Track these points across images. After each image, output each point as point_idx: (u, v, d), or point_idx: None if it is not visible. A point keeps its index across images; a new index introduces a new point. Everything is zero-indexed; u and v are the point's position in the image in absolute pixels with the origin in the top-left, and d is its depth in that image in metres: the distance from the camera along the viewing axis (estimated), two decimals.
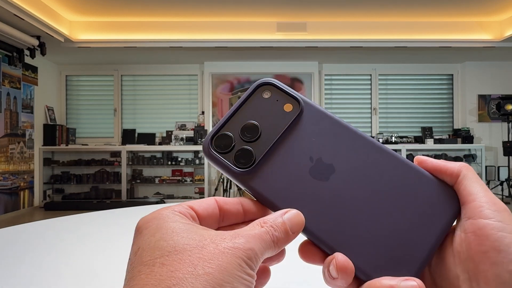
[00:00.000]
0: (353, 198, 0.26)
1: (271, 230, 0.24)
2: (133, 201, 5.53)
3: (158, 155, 5.85)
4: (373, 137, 5.90)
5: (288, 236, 0.24)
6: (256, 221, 0.24)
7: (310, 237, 0.26)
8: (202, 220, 0.25)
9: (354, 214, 0.26)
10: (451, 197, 0.26)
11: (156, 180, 5.71)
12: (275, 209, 0.27)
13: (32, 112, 5.17)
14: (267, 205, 0.27)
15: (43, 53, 4.70)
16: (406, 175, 0.27)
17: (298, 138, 0.28)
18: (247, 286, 0.21)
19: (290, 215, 0.25)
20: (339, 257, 0.24)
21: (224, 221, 0.26)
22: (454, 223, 0.26)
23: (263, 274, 0.26)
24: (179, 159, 5.73)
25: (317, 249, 0.26)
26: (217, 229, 0.26)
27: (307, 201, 0.26)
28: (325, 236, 0.25)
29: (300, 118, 0.28)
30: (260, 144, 0.28)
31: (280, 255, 0.26)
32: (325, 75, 6.10)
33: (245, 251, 0.22)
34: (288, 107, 0.28)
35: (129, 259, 0.22)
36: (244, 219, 0.27)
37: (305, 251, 0.26)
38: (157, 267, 0.20)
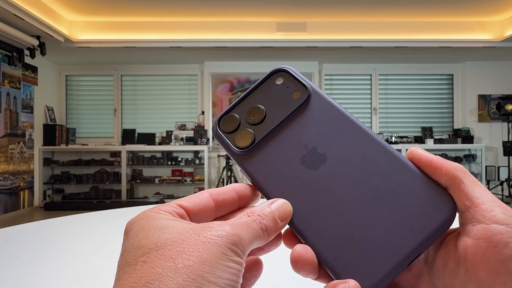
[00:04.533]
0: (337, 190, 0.26)
1: (258, 219, 0.23)
2: (133, 201, 5.53)
3: (158, 155, 5.85)
4: None
5: (277, 224, 0.24)
6: (243, 211, 0.24)
7: (289, 225, 0.26)
8: (194, 215, 0.24)
9: (334, 208, 0.25)
10: (444, 202, 0.24)
11: (156, 180, 5.71)
12: (264, 194, 0.27)
13: (32, 112, 5.17)
14: (258, 189, 0.27)
15: (43, 53, 4.70)
16: (397, 173, 0.25)
17: (298, 125, 0.28)
18: (233, 274, 0.20)
19: (277, 204, 0.25)
20: (296, 248, 0.24)
21: (221, 211, 0.26)
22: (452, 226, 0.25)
23: (255, 266, 0.26)
24: (179, 159, 5.73)
25: (295, 237, 0.26)
26: (214, 220, 0.26)
27: (292, 188, 0.26)
28: (300, 226, 0.25)
29: (306, 106, 0.28)
30: (261, 127, 0.28)
31: (277, 240, 0.26)
32: (325, 75, 6.10)
33: (229, 237, 0.21)
34: (296, 94, 0.29)
35: (117, 262, 0.22)
36: (239, 205, 0.27)
37: (286, 237, 0.26)
38: (139, 266, 0.20)
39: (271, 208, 0.24)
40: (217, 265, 0.20)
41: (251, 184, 0.28)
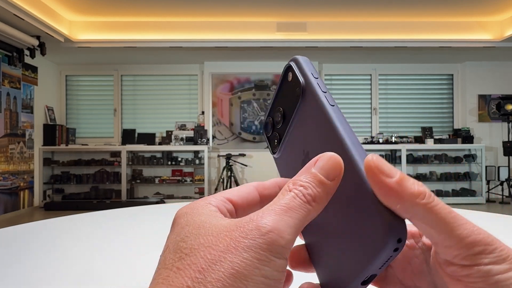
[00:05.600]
0: None
1: (301, 191, 0.20)
2: (133, 201, 5.53)
3: (158, 155, 5.85)
4: (372, 137, 5.95)
5: (326, 187, 0.21)
6: (286, 184, 0.21)
7: None
8: (241, 210, 0.23)
9: (316, 220, 0.23)
10: (390, 229, 0.20)
11: (156, 180, 5.71)
12: None
13: (32, 112, 5.17)
14: None
15: (43, 53, 4.70)
16: (355, 190, 0.21)
17: (299, 127, 0.26)
18: (270, 286, 0.18)
19: (322, 161, 0.21)
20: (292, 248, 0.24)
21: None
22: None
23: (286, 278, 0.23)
24: (179, 159, 5.73)
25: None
26: None
27: None
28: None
29: (303, 104, 0.26)
30: (281, 130, 0.28)
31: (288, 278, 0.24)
32: (325, 75, 6.10)
33: (265, 237, 0.18)
34: (298, 91, 0.26)
35: (160, 255, 0.21)
36: None
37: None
38: (173, 272, 0.19)
39: (315, 169, 0.21)
40: (252, 276, 0.17)
41: None
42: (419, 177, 5.83)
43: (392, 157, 5.82)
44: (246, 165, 5.86)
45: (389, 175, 0.19)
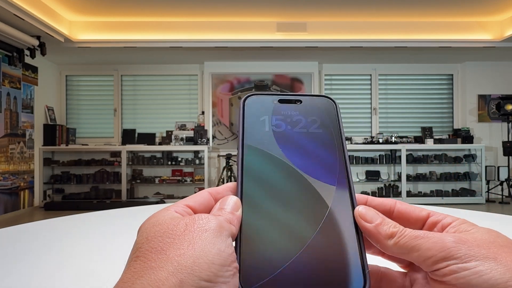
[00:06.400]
0: None
1: (220, 216, 0.24)
2: (133, 201, 5.53)
3: (158, 155, 5.85)
4: (372, 137, 5.95)
5: (235, 215, 0.25)
6: None
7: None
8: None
9: None
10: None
11: (156, 180, 5.71)
12: None
13: (32, 112, 5.17)
14: None
15: (43, 53, 4.70)
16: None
17: None
18: (225, 259, 0.21)
19: (224, 202, 0.25)
20: None
21: None
22: None
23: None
24: (179, 159, 5.73)
25: None
26: None
27: None
28: None
29: None
30: None
31: None
32: (325, 75, 6.10)
33: (215, 221, 0.22)
34: None
35: None
36: None
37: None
38: (133, 262, 0.21)
39: (222, 206, 0.25)
40: (210, 249, 0.21)
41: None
42: (419, 177, 5.83)
43: (392, 157, 5.82)
44: None
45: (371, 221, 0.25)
